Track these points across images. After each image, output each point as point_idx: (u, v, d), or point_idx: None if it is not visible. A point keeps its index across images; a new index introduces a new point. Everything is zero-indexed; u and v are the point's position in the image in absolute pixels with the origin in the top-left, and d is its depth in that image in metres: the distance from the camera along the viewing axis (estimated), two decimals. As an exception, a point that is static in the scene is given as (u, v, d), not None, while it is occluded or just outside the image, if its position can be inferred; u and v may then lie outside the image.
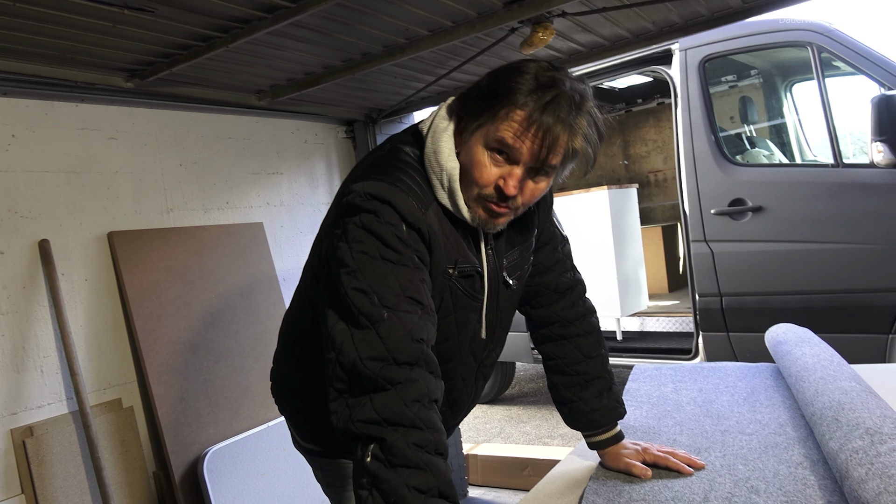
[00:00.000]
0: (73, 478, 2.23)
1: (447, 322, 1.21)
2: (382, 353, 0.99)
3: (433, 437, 0.98)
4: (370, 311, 1.01)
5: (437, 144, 1.16)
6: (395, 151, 1.20)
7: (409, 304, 1.04)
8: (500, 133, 1.09)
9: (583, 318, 1.48)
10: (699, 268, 3.79)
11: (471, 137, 1.13)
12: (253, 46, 2.12)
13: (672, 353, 4.15)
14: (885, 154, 3.10)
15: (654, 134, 6.49)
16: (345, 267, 1.05)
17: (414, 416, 0.97)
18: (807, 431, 1.44)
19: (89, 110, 2.42)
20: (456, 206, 1.16)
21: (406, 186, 1.11)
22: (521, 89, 1.08)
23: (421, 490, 0.93)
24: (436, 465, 0.96)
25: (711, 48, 3.78)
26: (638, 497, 1.25)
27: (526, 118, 1.07)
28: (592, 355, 1.46)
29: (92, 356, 2.36)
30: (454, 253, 1.17)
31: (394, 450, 0.94)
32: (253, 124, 3.02)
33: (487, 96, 1.11)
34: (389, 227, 1.06)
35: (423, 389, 1.00)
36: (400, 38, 2.25)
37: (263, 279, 2.90)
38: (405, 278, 1.05)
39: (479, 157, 1.11)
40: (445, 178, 1.14)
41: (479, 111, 1.12)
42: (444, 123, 1.18)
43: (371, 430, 0.96)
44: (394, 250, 1.05)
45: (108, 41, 1.96)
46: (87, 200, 2.40)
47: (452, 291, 1.19)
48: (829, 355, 1.68)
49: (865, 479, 1.00)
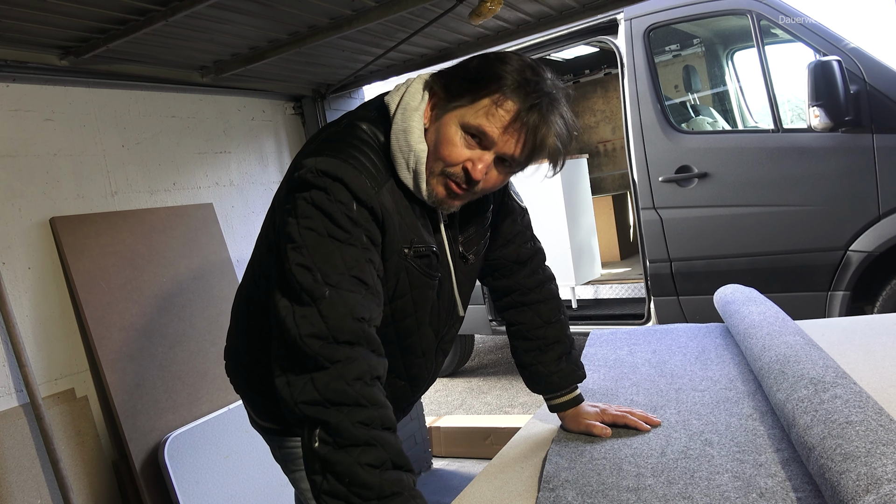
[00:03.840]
0: (28, 472, 2.17)
1: (404, 301, 1.22)
2: (323, 330, 0.98)
3: (378, 413, 0.98)
4: (312, 288, 1.00)
5: (408, 123, 1.14)
6: (351, 128, 1.17)
7: (353, 283, 1.03)
8: (482, 122, 1.08)
9: (542, 285, 1.51)
10: (649, 235, 3.88)
11: (445, 115, 1.12)
12: (193, 20, 2.05)
13: (626, 319, 4.27)
14: (821, 118, 3.21)
15: (602, 104, 6.57)
16: (291, 242, 1.04)
17: (357, 395, 0.96)
18: (755, 385, 1.51)
19: (22, 90, 2.30)
20: (418, 187, 1.15)
21: (359, 164, 1.09)
22: (509, 80, 1.08)
23: (374, 465, 0.94)
24: (385, 438, 0.96)
25: (655, 17, 3.83)
26: (599, 455, 1.29)
27: (513, 117, 1.07)
28: (552, 321, 1.49)
29: (41, 346, 2.29)
30: (409, 233, 1.17)
31: (340, 430, 0.94)
32: (197, 102, 2.93)
33: (474, 80, 1.10)
34: (339, 205, 1.05)
35: (364, 367, 0.99)
36: (346, 9, 2.21)
37: (216, 261, 2.85)
38: (351, 257, 1.04)
39: (451, 136, 1.10)
40: (412, 160, 1.13)
41: (462, 92, 1.11)
42: (417, 101, 1.15)
43: (315, 411, 0.96)
44: (342, 229, 1.04)
45: (37, 16, 1.86)
46: (26, 185, 2.29)
47: (408, 271, 1.19)
48: (774, 312, 1.75)
49: (810, 425, 1.06)
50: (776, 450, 1.18)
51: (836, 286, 3.37)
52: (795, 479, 1.07)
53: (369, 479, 0.92)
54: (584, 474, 1.22)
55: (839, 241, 3.33)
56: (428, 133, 1.14)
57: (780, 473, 1.10)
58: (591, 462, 1.27)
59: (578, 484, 1.19)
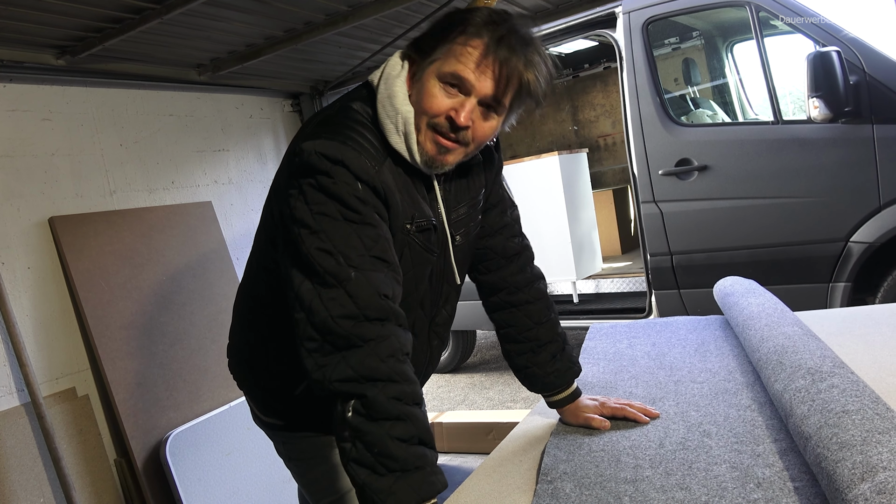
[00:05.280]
0: (30, 471, 2.18)
1: (407, 279, 1.20)
2: (353, 310, 1.00)
3: (410, 388, 1.01)
4: (336, 271, 1.02)
5: (392, 89, 1.14)
6: (344, 110, 1.17)
7: (375, 262, 1.05)
8: (455, 66, 1.09)
9: (531, 284, 1.49)
10: (649, 228, 3.87)
11: (423, 74, 1.13)
12: (189, 18, 2.05)
13: (627, 313, 4.26)
14: (820, 109, 3.19)
15: (602, 98, 6.54)
16: (306, 227, 1.04)
17: (390, 371, 1.00)
18: (754, 376, 1.51)
19: (19, 90, 2.30)
20: (410, 150, 1.14)
21: (357, 145, 1.09)
22: (475, 21, 1.09)
23: (403, 440, 0.98)
24: (415, 414, 1.01)
25: (653, 10, 3.81)
26: (597, 448, 1.29)
27: (482, 51, 1.08)
28: (542, 321, 1.47)
29: (41, 346, 2.29)
30: (410, 208, 1.16)
31: (375, 404, 0.98)
32: (195, 100, 2.93)
33: (440, 32, 1.12)
34: (346, 186, 1.05)
35: (396, 344, 1.02)
36: (342, 5, 2.21)
37: (216, 259, 2.85)
38: (368, 237, 1.05)
39: (430, 89, 1.11)
40: (401, 122, 1.13)
41: (433, 47, 1.12)
42: (397, 70, 1.16)
43: (350, 387, 0.99)
44: (354, 210, 1.05)
45: (32, 15, 1.87)
46: (24, 185, 2.30)
47: (411, 247, 1.19)
48: (773, 304, 1.75)
49: (808, 415, 1.06)
50: (774, 440, 1.18)
51: (837, 278, 3.35)
52: (793, 469, 1.07)
53: (397, 452, 0.97)
54: (582, 466, 1.22)
55: (840, 233, 3.31)
56: (411, 97, 1.14)
57: (777, 463, 1.10)
58: (590, 454, 1.27)
59: (576, 476, 1.19)
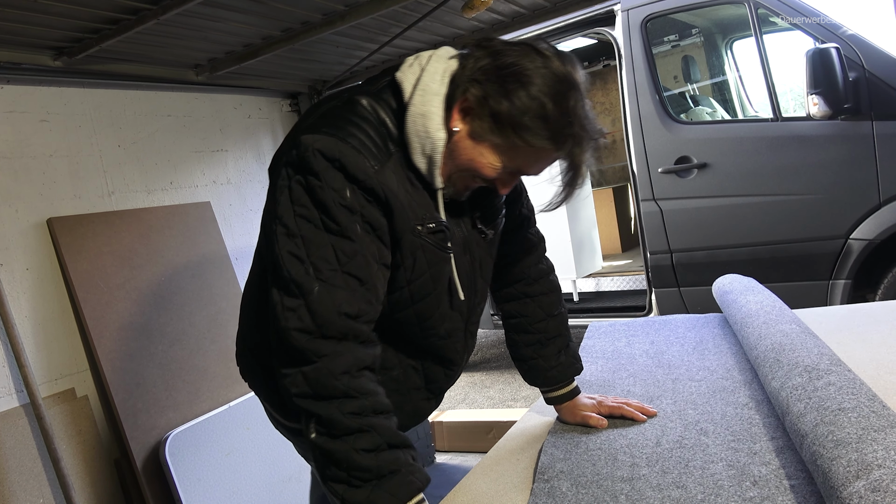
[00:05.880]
0: (29, 472, 2.18)
1: (423, 280, 1.17)
2: (310, 325, 0.99)
3: (368, 401, 1.00)
4: (302, 281, 1.00)
5: (428, 108, 1.08)
6: (351, 104, 1.12)
7: (345, 279, 1.02)
8: (523, 166, 1.11)
9: (545, 276, 1.49)
10: (649, 226, 3.86)
11: (486, 139, 1.07)
12: (185, 18, 2.04)
13: (627, 311, 4.26)
14: (819, 106, 3.19)
15: (601, 97, 6.54)
16: (284, 227, 1.03)
17: (345, 387, 0.99)
18: (752, 374, 1.51)
19: (17, 92, 2.31)
20: (431, 174, 1.11)
21: (359, 142, 1.04)
22: (553, 137, 1.05)
23: (369, 450, 0.97)
24: (377, 424, 0.99)
25: (652, 7, 3.81)
26: (595, 446, 1.29)
27: (553, 158, 1.11)
28: (554, 314, 1.47)
29: (40, 347, 2.29)
30: (419, 210, 1.12)
31: (333, 422, 0.98)
32: (193, 100, 2.93)
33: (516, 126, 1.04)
34: (332, 192, 1.01)
35: (351, 360, 1.00)
36: (339, 4, 2.20)
37: (215, 259, 2.85)
38: (343, 252, 1.02)
39: (490, 163, 1.09)
40: (429, 147, 1.08)
41: (517, 133, 1.05)
42: (436, 86, 1.08)
43: (307, 404, 0.99)
44: (335, 221, 1.01)
45: (29, 17, 1.87)
46: (22, 187, 2.30)
47: (424, 248, 1.14)
48: (772, 301, 1.75)
49: (804, 412, 1.06)
50: (771, 438, 1.18)
51: (837, 275, 3.35)
52: (789, 467, 1.06)
53: (366, 463, 0.97)
54: (578, 465, 1.22)
55: (840, 230, 3.31)
56: (457, 135, 1.09)
57: (774, 461, 1.09)
58: (587, 453, 1.27)
59: (573, 475, 1.19)
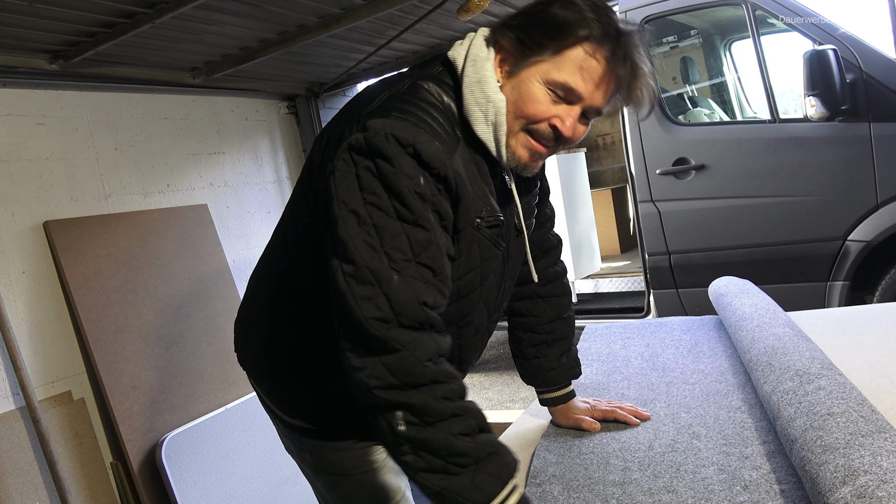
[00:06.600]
0: (25, 474, 2.18)
1: (473, 275, 1.13)
2: (388, 314, 0.94)
3: (456, 385, 0.97)
4: (378, 269, 0.94)
5: (482, 73, 1.05)
6: (415, 88, 1.07)
7: (419, 269, 0.97)
8: (572, 77, 1.02)
9: (559, 278, 1.48)
10: (647, 227, 3.86)
11: (522, 70, 1.04)
12: (181, 21, 2.05)
13: (625, 313, 4.25)
14: (817, 108, 3.18)
15: (600, 97, 6.53)
16: (354, 214, 0.96)
17: (433, 373, 0.95)
18: (746, 378, 1.51)
19: (13, 95, 2.31)
20: (497, 141, 1.07)
21: (430, 128, 1.00)
22: (595, 30, 1.00)
23: (466, 433, 0.94)
24: (469, 407, 0.96)
25: (650, 9, 3.81)
26: (587, 450, 1.29)
27: (606, 67, 1.02)
28: (563, 316, 1.47)
29: (36, 350, 2.29)
30: (480, 202, 1.08)
31: (427, 409, 0.93)
32: (190, 103, 2.93)
33: (552, 29, 1.02)
34: (406, 179, 0.96)
35: (434, 347, 0.96)
36: (335, 7, 2.21)
37: (211, 262, 2.85)
38: (418, 241, 0.97)
39: (535, 93, 1.03)
40: (492, 112, 1.05)
41: (540, 45, 1.02)
42: (484, 52, 1.07)
43: (393, 396, 0.93)
44: (409, 209, 0.96)
45: (25, 21, 1.87)
46: (18, 190, 2.30)
47: (480, 243, 1.10)
48: (766, 304, 1.75)
49: (794, 417, 1.06)
50: (762, 442, 1.18)
51: (835, 276, 3.35)
52: (780, 472, 1.06)
53: (465, 447, 0.93)
54: (571, 469, 1.22)
55: (837, 231, 3.31)
56: (503, 89, 1.06)
57: (765, 466, 1.09)
58: (579, 457, 1.27)
59: (565, 479, 1.19)
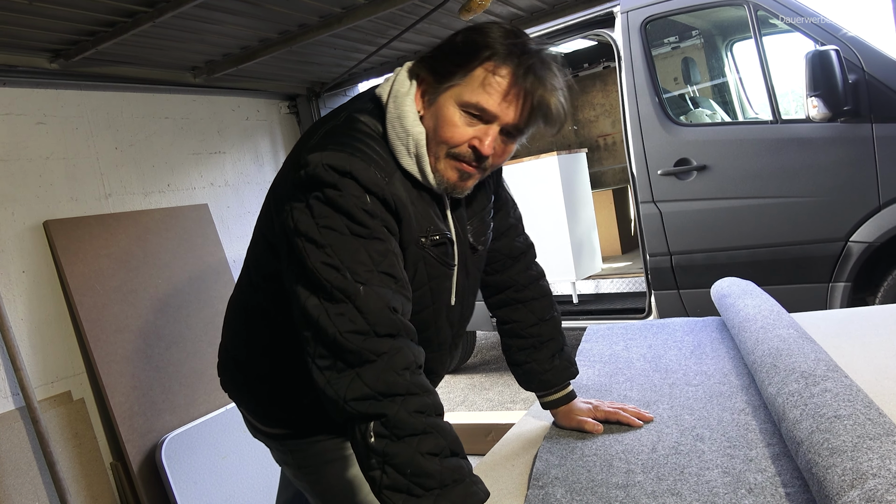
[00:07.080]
0: (25, 474, 2.17)
1: (422, 292, 1.18)
2: (363, 326, 0.97)
3: (430, 399, 0.97)
4: (344, 286, 0.98)
5: (401, 109, 1.11)
6: (351, 121, 1.13)
7: (383, 278, 1.01)
8: (479, 96, 1.05)
9: (535, 281, 1.49)
10: (648, 228, 3.85)
11: (439, 98, 1.09)
12: (182, 21, 2.04)
13: (626, 313, 4.24)
14: (819, 108, 3.17)
15: (601, 98, 6.53)
16: (311, 242, 1.01)
17: (408, 383, 0.96)
18: (749, 379, 1.50)
19: (13, 94, 2.30)
20: (423, 171, 1.11)
21: (366, 156, 1.05)
22: (497, 46, 1.05)
23: (434, 454, 0.94)
24: (440, 426, 0.96)
25: (652, 9, 3.80)
26: (590, 452, 1.28)
27: (510, 81, 1.05)
28: (545, 318, 1.47)
29: (36, 350, 2.29)
30: (424, 222, 1.13)
31: (397, 422, 0.93)
32: (190, 103, 2.92)
33: (461, 54, 1.07)
34: (354, 199, 1.01)
35: (410, 356, 0.98)
36: (336, 7, 2.20)
37: (212, 262, 2.84)
38: (376, 252, 1.02)
39: (451, 118, 1.07)
40: (412, 144, 1.10)
41: (451, 70, 1.07)
42: (405, 87, 1.13)
43: (367, 406, 0.94)
44: (361, 224, 1.01)
45: (25, 20, 1.86)
46: (18, 189, 2.29)
47: (426, 261, 1.15)
48: (770, 305, 1.74)
49: (800, 419, 1.05)
50: (767, 444, 1.17)
51: (837, 277, 3.34)
52: (785, 475, 1.05)
53: (430, 468, 0.92)
54: (573, 471, 1.21)
55: (840, 232, 3.30)
56: (424, 119, 1.11)
57: (770, 468, 1.08)
58: (582, 459, 1.26)
59: (568, 481, 1.17)
